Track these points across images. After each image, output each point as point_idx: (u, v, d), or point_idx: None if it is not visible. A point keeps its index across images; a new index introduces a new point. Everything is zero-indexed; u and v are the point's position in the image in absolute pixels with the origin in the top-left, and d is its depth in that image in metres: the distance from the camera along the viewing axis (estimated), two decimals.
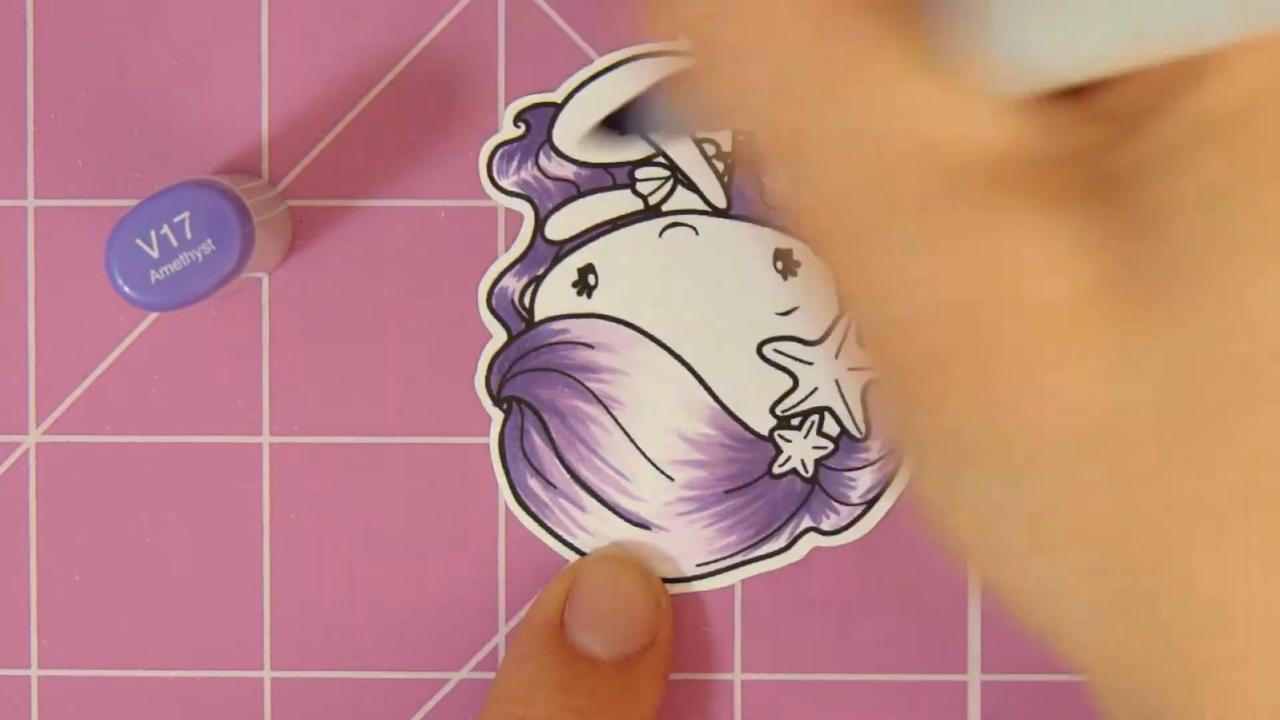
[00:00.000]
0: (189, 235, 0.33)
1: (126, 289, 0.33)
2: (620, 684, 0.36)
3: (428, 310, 0.37)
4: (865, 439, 0.38)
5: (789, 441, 0.38)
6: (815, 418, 0.37)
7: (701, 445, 0.38)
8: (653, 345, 0.37)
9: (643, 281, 0.37)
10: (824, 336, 0.37)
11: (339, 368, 0.38)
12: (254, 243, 0.34)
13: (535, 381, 0.37)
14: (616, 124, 0.25)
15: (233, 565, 0.38)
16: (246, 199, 0.34)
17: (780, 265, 0.37)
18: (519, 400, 0.37)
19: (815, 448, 0.38)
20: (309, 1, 0.37)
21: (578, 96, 0.37)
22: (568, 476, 0.38)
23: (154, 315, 0.38)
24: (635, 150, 0.35)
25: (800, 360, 0.37)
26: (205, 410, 0.38)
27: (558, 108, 0.37)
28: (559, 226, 0.37)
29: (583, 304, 0.37)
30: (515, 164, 0.37)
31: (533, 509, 0.38)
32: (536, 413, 0.37)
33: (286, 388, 0.38)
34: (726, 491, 0.38)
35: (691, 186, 0.37)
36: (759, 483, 0.38)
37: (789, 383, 0.37)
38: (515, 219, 0.37)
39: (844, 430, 0.37)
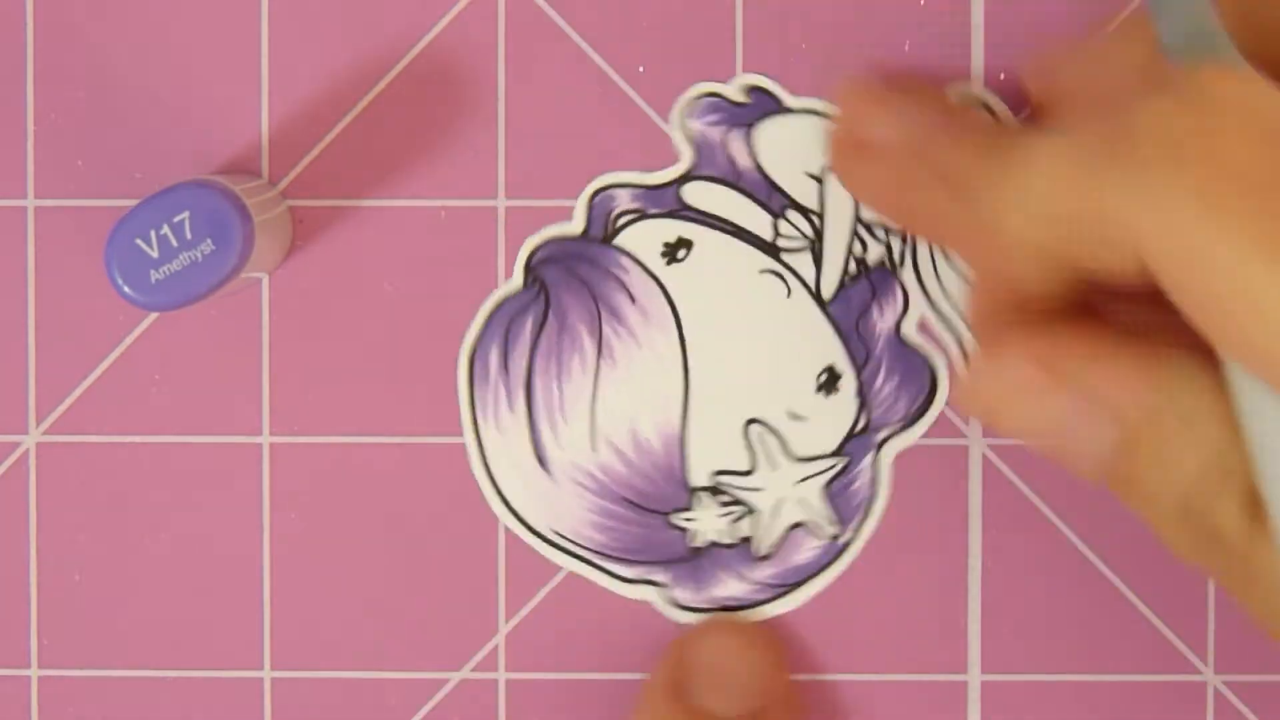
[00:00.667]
0: (189, 235, 0.33)
1: (126, 289, 0.33)
2: None
3: (428, 310, 0.37)
4: (760, 559, 0.37)
5: (704, 507, 0.37)
6: (740, 509, 0.37)
7: (640, 449, 0.37)
8: (676, 346, 0.37)
9: (714, 294, 0.37)
10: (806, 462, 0.37)
11: (339, 368, 0.38)
12: (254, 243, 0.34)
13: (568, 283, 0.37)
14: None
15: (233, 565, 0.38)
16: (246, 199, 0.34)
17: (823, 379, 0.37)
18: (543, 284, 0.37)
19: (718, 531, 0.37)
20: (309, 1, 0.37)
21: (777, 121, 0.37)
22: (523, 373, 0.37)
23: (154, 315, 0.38)
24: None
25: (771, 460, 0.37)
26: (205, 410, 0.38)
27: (782, 110, 0.37)
28: (696, 193, 0.37)
29: (657, 266, 0.37)
30: (712, 118, 0.37)
31: (475, 375, 0.37)
32: (546, 307, 0.37)
33: (286, 388, 0.38)
34: (624, 498, 0.37)
35: (817, 261, 0.37)
36: (654, 516, 0.38)
37: (746, 467, 0.37)
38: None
39: (751, 539, 0.37)
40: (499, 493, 0.38)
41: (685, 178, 0.37)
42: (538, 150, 0.37)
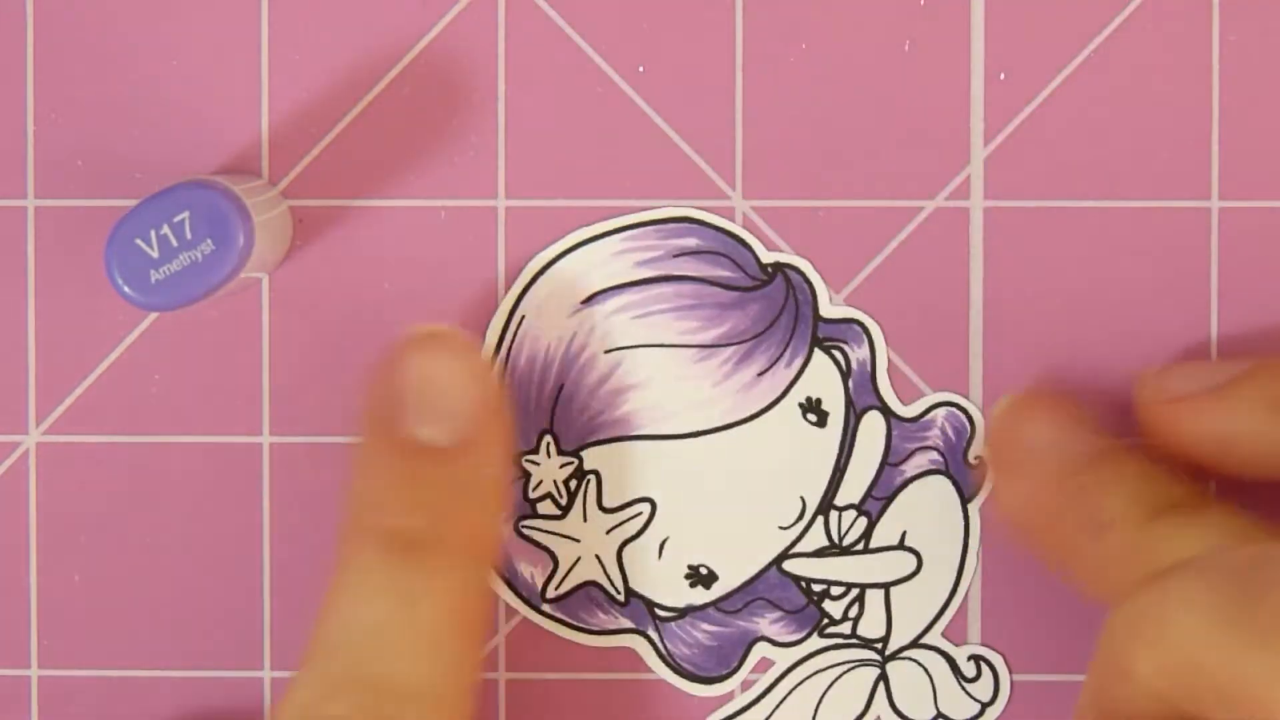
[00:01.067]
0: (189, 235, 0.33)
1: (126, 289, 0.33)
2: (467, 469, 0.34)
3: (428, 310, 0.37)
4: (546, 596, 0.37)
5: (537, 465, 0.37)
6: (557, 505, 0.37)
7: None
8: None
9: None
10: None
11: (339, 368, 0.38)
12: (254, 243, 0.34)
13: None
14: None
15: (233, 565, 0.38)
16: (246, 199, 0.34)
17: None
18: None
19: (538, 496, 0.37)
20: (309, 1, 0.37)
21: None
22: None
23: (154, 315, 0.38)
24: None
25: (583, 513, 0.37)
26: (205, 410, 0.38)
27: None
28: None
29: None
30: None
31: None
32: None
33: (286, 388, 0.38)
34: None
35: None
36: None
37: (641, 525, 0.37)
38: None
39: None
40: None
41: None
42: (538, 150, 0.37)
